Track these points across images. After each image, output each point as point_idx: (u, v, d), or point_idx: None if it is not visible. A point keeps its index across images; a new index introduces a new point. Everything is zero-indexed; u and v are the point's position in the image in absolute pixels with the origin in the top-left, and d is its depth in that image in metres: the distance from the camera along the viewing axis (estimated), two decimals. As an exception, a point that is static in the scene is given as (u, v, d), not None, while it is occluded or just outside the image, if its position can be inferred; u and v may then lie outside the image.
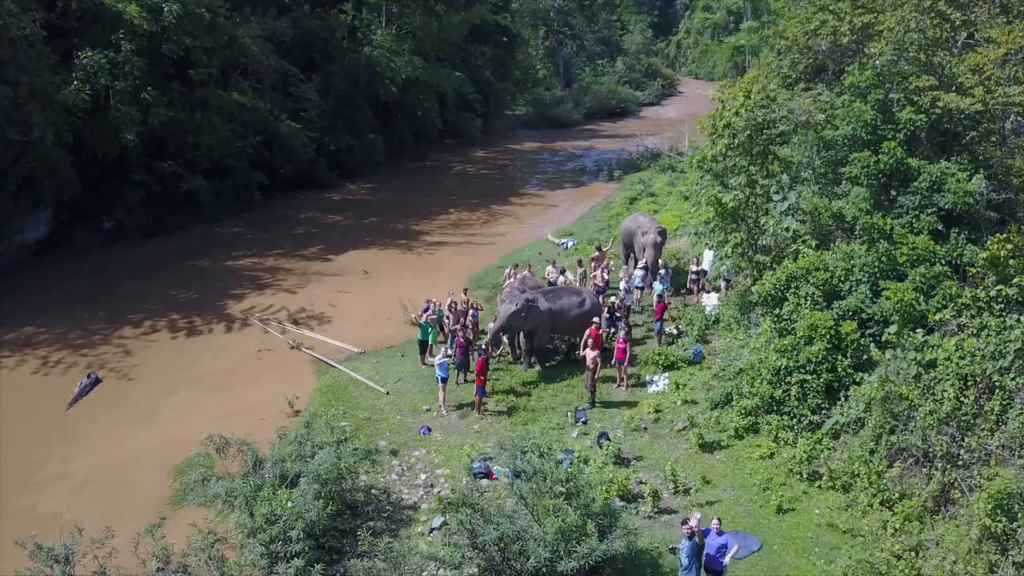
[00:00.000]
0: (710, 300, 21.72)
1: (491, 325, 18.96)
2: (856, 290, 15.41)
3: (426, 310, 20.43)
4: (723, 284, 22.23)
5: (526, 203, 37.54)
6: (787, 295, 15.88)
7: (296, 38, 37.97)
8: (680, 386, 17.46)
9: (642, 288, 22.50)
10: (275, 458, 13.75)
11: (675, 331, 20.27)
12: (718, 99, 18.48)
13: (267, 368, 20.35)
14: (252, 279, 26.88)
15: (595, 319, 18.33)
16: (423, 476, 15.17)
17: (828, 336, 14.76)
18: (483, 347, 17.67)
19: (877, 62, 17.25)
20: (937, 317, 13.73)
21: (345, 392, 18.61)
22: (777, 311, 15.87)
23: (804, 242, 16.57)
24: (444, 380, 17.36)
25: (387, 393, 18.34)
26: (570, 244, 28.69)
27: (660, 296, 20.65)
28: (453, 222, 33.97)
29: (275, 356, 20.97)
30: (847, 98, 17.41)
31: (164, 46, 28.86)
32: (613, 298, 20.46)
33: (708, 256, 22.86)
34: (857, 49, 18.86)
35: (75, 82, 26.79)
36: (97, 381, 19.41)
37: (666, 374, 18.19)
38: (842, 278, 15.70)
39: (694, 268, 22.71)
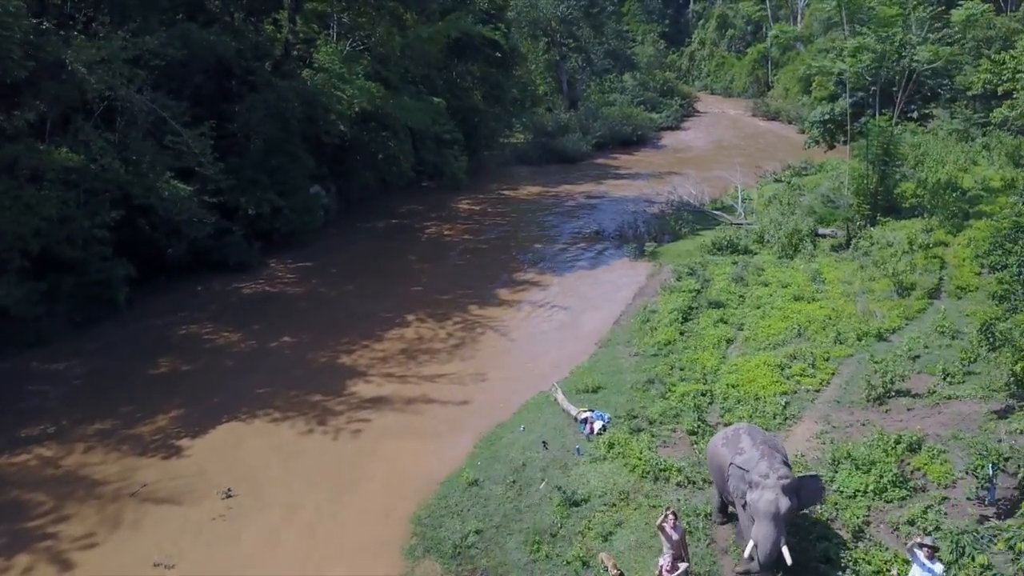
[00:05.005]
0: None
1: None
2: None
3: None
4: None
5: (519, 298, 24.33)
6: None
7: (187, 61, 24.70)
8: None
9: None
10: None
11: None
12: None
13: None
14: (14, 517, 13.76)
15: None
16: None
17: None
18: None
19: None
20: None
21: None
22: None
23: None
24: None
25: None
26: (598, 425, 15.42)
27: None
28: (407, 347, 20.72)
29: None
30: None
31: None
32: None
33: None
34: None
35: None
36: None
37: None
38: None
39: None
